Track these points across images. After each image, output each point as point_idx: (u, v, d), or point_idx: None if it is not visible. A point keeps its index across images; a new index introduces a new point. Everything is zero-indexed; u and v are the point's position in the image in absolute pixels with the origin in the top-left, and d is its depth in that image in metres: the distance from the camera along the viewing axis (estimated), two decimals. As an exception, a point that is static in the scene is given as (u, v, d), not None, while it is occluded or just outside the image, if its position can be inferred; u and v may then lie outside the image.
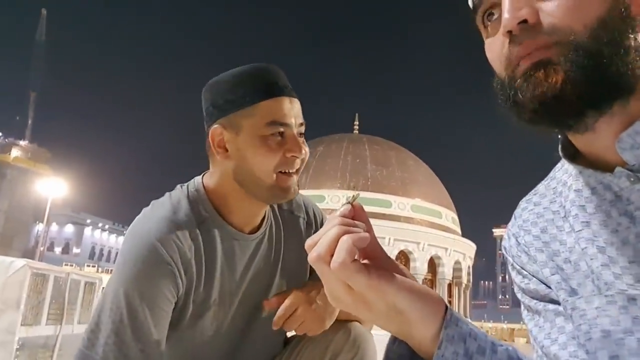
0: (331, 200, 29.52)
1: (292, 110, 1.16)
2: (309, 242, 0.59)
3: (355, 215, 0.61)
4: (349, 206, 0.61)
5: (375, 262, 0.59)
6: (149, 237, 1.09)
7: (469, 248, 35.17)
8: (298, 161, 1.16)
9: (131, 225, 1.17)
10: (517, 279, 0.77)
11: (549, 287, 0.70)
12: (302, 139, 1.18)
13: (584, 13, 0.57)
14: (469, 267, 35.19)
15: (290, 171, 1.15)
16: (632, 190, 0.60)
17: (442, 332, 0.57)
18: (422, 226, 31.34)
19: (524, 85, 0.59)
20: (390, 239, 29.55)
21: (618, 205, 0.62)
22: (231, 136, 1.15)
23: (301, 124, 1.18)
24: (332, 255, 0.56)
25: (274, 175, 1.14)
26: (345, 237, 0.56)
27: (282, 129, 1.13)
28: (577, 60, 0.56)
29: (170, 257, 1.09)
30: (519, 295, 0.77)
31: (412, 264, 30.63)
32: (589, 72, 0.56)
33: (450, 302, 32.55)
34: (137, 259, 1.08)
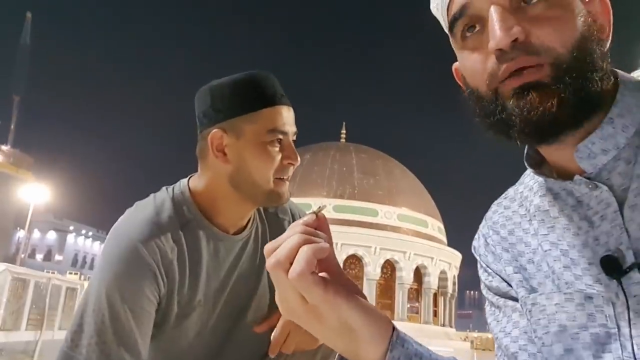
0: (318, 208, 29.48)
1: (290, 118, 1.20)
2: (268, 247, 0.58)
3: (319, 226, 0.61)
4: (314, 216, 0.61)
5: (331, 276, 0.59)
6: (131, 238, 1.10)
7: (455, 257, 35.33)
8: (292, 168, 1.21)
9: (114, 225, 1.17)
10: (482, 276, 0.82)
11: (510, 285, 0.75)
12: (294, 146, 1.23)
13: (569, 34, 0.60)
14: (454, 276, 35.34)
15: (285, 177, 1.20)
16: (590, 196, 0.65)
17: (388, 355, 0.58)
18: (408, 235, 31.43)
19: (515, 106, 0.61)
20: (377, 248, 29.58)
21: (579, 210, 0.67)
22: (232, 140, 1.17)
23: (295, 133, 1.22)
24: (291, 264, 0.55)
25: (272, 181, 1.17)
26: (305, 247, 0.56)
27: (281, 137, 1.17)
28: (568, 82, 0.59)
29: (151, 258, 1.10)
30: (484, 292, 0.82)
31: (398, 274, 30.66)
32: (578, 93, 0.59)
33: (435, 311, 32.60)
34: (118, 260, 1.09)
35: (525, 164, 0.74)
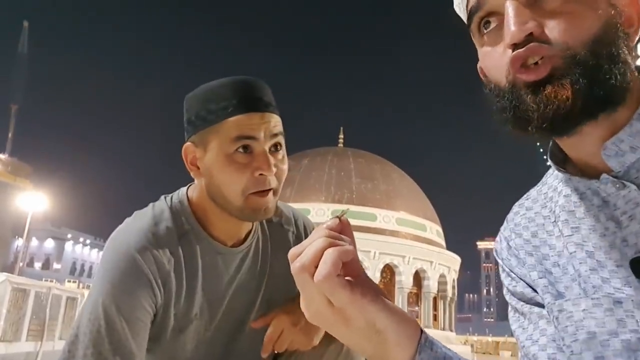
0: (316, 213, 29.43)
1: (263, 124, 1.10)
2: (293, 251, 0.58)
3: (342, 230, 0.60)
4: (337, 220, 0.61)
5: (356, 279, 0.59)
6: (128, 248, 1.09)
7: (454, 261, 35.24)
8: (271, 179, 1.11)
9: (112, 234, 1.16)
10: (505, 281, 0.79)
11: (535, 291, 0.73)
12: (280, 155, 1.13)
13: (585, 29, 0.59)
14: (453, 280, 35.23)
15: (262, 190, 1.10)
16: (618, 196, 0.63)
17: (416, 357, 0.58)
18: (407, 239, 31.35)
19: (532, 102, 0.60)
20: (376, 253, 29.51)
21: (605, 210, 0.65)
22: (201, 154, 1.14)
23: (274, 136, 1.12)
24: (316, 267, 0.55)
25: (243, 198, 1.10)
26: (331, 250, 0.55)
27: (248, 143, 1.09)
28: (581, 74, 0.58)
29: (148, 269, 1.09)
30: (507, 297, 0.79)
31: (397, 278, 30.58)
32: (594, 85, 0.58)
33: (435, 315, 32.53)
34: (115, 269, 1.08)
35: (550, 162, 0.72)
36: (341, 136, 38.82)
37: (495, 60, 0.64)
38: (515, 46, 0.60)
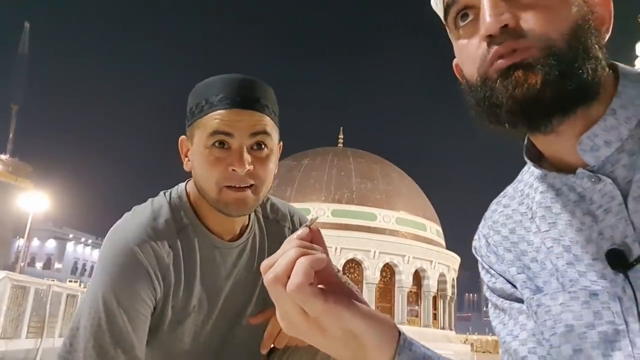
0: (316, 213, 29.36)
1: (242, 121, 1.10)
2: (265, 263, 0.58)
3: (313, 238, 0.61)
4: (307, 229, 0.61)
5: (330, 286, 0.58)
6: (127, 243, 1.10)
7: (454, 260, 35.17)
8: (246, 177, 1.11)
9: (111, 229, 1.17)
10: (485, 277, 0.81)
11: (514, 287, 0.75)
12: (262, 154, 1.13)
13: (560, 22, 0.60)
14: (453, 279, 35.17)
15: (237, 186, 1.11)
16: (593, 190, 0.63)
17: (396, 358, 0.58)
18: (406, 239, 31.32)
19: (501, 85, 0.60)
20: (376, 252, 29.49)
21: (582, 205, 0.65)
22: (189, 147, 1.18)
23: (255, 134, 1.11)
24: (289, 277, 0.55)
25: (217, 190, 1.12)
26: (302, 259, 0.55)
27: (223, 138, 1.10)
28: (554, 65, 0.58)
29: (147, 262, 1.10)
30: (487, 294, 0.80)
31: (397, 277, 30.54)
32: (565, 77, 0.59)
33: (435, 314, 32.52)
34: (115, 263, 1.09)
35: (525, 158, 0.73)
36: (341, 136, 38.82)
37: (470, 53, 0.65)
38: (490, 37, 0.61)
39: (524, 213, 0.75)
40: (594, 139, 0.62)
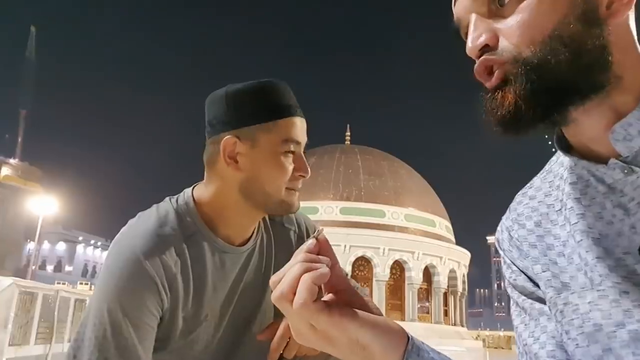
0: (325, 211, 29.46)
1: (304, 129, 1.20)
2: (273, 279, 0.61)
3: (321, 249, 0.62)
4: (314, 241, 0.62)
5: (340, 295, 0.62)
6: (134, 251, 1.08)
7: (464, 256, 35.11)
8: (302, 180, 1.21)
9: (116, 237, 1.15)
10: (506, 273, 0.78)
11: (536, 285, 0.72)
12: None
13: (534, 29, 0.59)
14: (464, 275, 35.12)
15: (295, 189, 1.19)
16: (625, 182, 0.61)
17: None
18: (416, 235, 31.27)
19: (488, 104, 0.63)
20: (385, 249, 29.48)
21: (612, 197, 0.63)
22: (245, 148, 1.15)
23: (306, 144, 1.22)
24: (294, 294, 0.57)
25: (283, 191, 1.17)
26: (305, 276, 0.57)
27: (293, 148, 1.17)
28: (524, 75, 0.59)
29: (154, 272, 1.08)
30: (508, 290, 0.78)
31: (407, 274, 30.52)
32: (536, 84, 0.58)
33: (446, 311, 32.45)
34: (120, 273, 1.07)
35: (556, 146, 0.71)
36: (348, 133, 38.79)
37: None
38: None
39: (551, 205, 0.72)
40: (628, 128, 0.60)
